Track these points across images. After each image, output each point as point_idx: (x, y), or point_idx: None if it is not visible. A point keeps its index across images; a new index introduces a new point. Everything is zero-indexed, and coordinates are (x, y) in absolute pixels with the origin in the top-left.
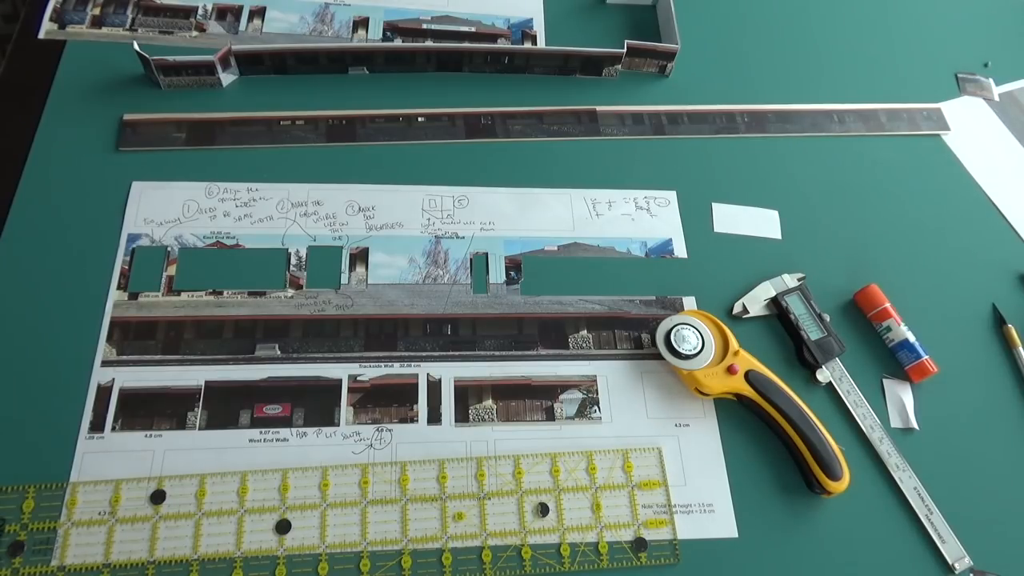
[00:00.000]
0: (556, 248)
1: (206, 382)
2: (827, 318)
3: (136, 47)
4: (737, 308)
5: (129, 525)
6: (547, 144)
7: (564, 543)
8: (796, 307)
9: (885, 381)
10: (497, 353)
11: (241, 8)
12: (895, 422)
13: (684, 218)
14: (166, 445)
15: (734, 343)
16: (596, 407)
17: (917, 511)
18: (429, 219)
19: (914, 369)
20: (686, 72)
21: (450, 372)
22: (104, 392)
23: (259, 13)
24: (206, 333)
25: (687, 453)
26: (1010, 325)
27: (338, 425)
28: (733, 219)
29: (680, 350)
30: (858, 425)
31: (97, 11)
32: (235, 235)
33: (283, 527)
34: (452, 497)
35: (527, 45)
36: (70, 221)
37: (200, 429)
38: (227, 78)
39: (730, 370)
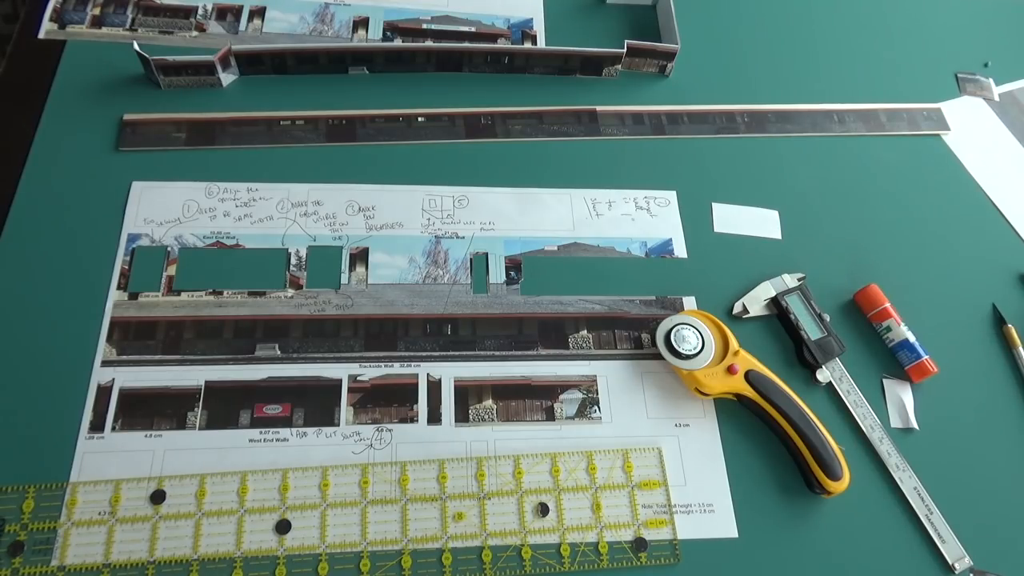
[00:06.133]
0: (556, 248)
1: (206, 382)
2: (827, 318)
3: (136, 47)
4: (737, 308)
5: (129, 525)
6: (547, 144)
7: (564, 543)
8: (796, 307)
9: (885, 381)
10: (497, 353)
11: (241, 8)
12: (895, 422)
13: (684, 218)
14: (166, 445)
15: (734, 343)
16: (596, 407)
17: (917, 511)
18: (429, 219)
19: (914, 369)
20: (686, 72)
21: (450, 372)
22: (104, 392)
23: (259, 13)
24: (206, 333)
25: (687, 453)
26: (1010, 325)
27: (338, 425)
28: (733, 219)
29: (680, 350)
30: (858, 425)
31: (97, 11)
32: (235, 235)
33: (283, 527)
34: (452, 497)
35: (527, 45)
36: (70, 221)
37: (200, 429)
38: (227, 78)
39: (730, 370)
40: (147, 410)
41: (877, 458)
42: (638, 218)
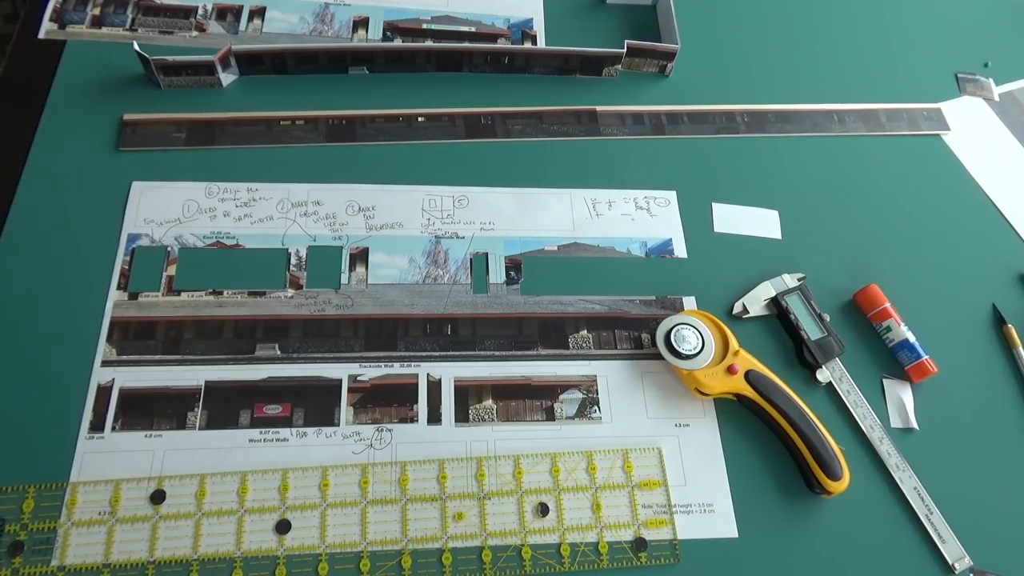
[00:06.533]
0: (556, 248)
1: (206, 382)
2: (827, 318)
3: (136, 47)
4: (737, 308)
5: (129, 525)
6: (547, 144)
7: (564, 543)
8: (796, 307)
9: (885, 381)
10: (497, 353)
11: (241, 8)
12: (895, 422)
13: (684, 218)
14: (166, 445)
15: (734, 343)
16: (596, 407)
17: (917, 511)
18: (429, 219)
19: (914, 369)
20: (686, 72)
21: (450, 372)
22: (104, 392)
23: (259, 13)
24: (206, 333)
25: (687, 453)
26: (1010, 325)
27: (338, 425)
28: (733, 219)
29: (680, 350)
30: (858, 425)
31: (97, 11)
32: (235, 235)
33: (283, 527)
34: (452, 497)
35: (527, 45)
36: (70, 221)
37: (200, 429)
38: (227, 78)
39: (730, 370)
40: (147, 410)
41: (877, 458)
42: (638, 218)
